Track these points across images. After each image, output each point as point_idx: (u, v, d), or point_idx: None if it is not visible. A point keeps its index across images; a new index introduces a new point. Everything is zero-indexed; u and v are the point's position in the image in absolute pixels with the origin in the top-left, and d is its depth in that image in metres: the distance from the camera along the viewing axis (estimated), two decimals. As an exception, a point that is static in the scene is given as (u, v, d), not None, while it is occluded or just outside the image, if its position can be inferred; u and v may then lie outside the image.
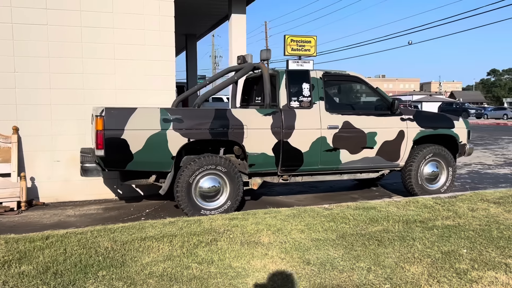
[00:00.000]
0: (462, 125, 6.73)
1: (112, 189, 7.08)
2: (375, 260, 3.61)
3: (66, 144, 6.78)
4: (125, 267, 3.48)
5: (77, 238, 4.13)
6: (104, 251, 3.79)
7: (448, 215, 4.95)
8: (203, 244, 3.97)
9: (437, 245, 3.94)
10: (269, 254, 3.75)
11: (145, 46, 7.08)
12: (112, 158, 5.12)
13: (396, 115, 6.32)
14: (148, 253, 3.77)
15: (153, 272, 3.39)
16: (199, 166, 5.39)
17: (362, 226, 4.52)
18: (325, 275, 3.34)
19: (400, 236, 4.18)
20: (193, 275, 3.34)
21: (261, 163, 5.70)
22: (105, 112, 5.03)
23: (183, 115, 5.37)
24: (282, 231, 4.34)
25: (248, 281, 3.23)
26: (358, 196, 7.08)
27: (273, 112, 5.71)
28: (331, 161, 6.01)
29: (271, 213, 4.97)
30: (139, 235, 4.21)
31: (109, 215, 5.95)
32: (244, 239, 4.10)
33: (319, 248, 3.88)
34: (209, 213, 5.43)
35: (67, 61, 6.71)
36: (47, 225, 5.49)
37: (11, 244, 3.97)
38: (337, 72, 6.25)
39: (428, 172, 6.56)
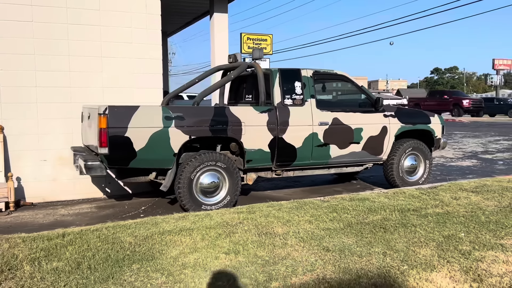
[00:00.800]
0: (438, 121, 7.23)
1: (100, 187, 7.05)
2: (387, 245, 3.91)
3: (52, 143, 6.69)
4: (156, 260, 3.59)
5: (95, 234, 4.18)
6: (129, 246, 3.88)
7: (435, 203, 5.37)
8: (223, 236, 4.14)
9: (437, 230, 4.31)
10: (289, 243, 3.97)
11: (132, 44, 7.09)
12: (116, 155, 5.17)
13: (380, 111, 6.70)
14: (172, 246, 3.89)
15: (185, 263, 3.53)
16: (200, 163, 5.53)
17: (363, 216, 4.84)
18: (346, 260, 3.61)
19: (401, 223, 4.53)
20: (225, 264, 3.51)
21: (258, 159, 5.91)
22: (108, 110, 5.07)
23: (184, 112, 5.48)
24: (291, 222, 4.57)
25: (280, 268, 3.44)
26: (342, 189, 7.43)
27: (268, 110, 5.93)
28: (322, 156, 6.31)
29: (275, 206, 5.20)
30: (156, 230, 4.31)
31: (106, 213, 5.96)
32: (259, 231, 4.30)
33: (332, 237, 4.15)
34: (209, 208, 5.58)
35: (53, 59, 6.63)
36: (45, 225, 5.44)
37: (30, 243, 3.97)
38: (326, 71, 6.55)
39: (408, 165, 7.01)
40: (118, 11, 6.97)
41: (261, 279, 3.26)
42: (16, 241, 4.02)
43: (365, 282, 3.23)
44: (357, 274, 3.35)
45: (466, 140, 15.62)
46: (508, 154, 11.83)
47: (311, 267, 3.47)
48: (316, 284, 3.20)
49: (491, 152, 12.29)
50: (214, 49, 8.31)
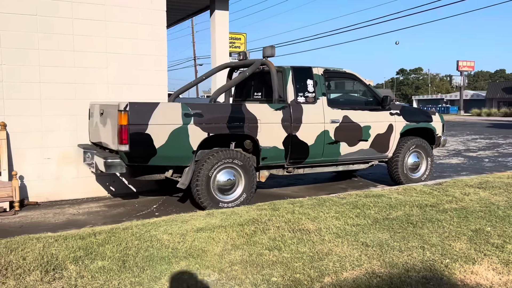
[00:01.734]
0: (438, 119, 7.44)
1: (105, 186, 6.91)
2: (422, 240, 4.01)
3: (57, 140, 6.51)
4: (202, 257, 3.56)
5: (128, 233, 4.11)
6: (168, 243, 3.83)
7: (449, 199, 5.52)
8: (258, 233, 4.14)
9: (463, 225, 4.44)
10: (326, 239, 4.01)
11: (137, 40, 6.97)
12: (137, 153, 5.08)
13: (386, 110, 6.84)
14: (212, 243, 3.86)
15: (232, 260, 3.51)
16: (218, 160, 5.50)
17: (386, 212, 4.93)
18: (389, 254, 3.67)
19: (426, 219, 4.64)
20: (272, 261, 3.52)
21: (273, 156, 5.93)
22: (129, 106, 4.97)
23: (203, 109, 5.44)
24: (319, 219, 4.61)
25: (328, 264, 3.47)
26: (346, 186, 7.54)
27: (283, 107, 5.95)
28: (332, 153, 6.38)
29: (296, 203, 5.23)
30: (188, 227, 4.26)
31: (118, 212, 5.85)
32: (291, 227, 4.32)
33: (366, 232, 4.21)
34: (226, 205, 5.56)
35: (58, 54, 6.44)
36: (59, 224, 5.30)
37: (63, 242, 3.86)
38: (335, 69, 6.63)
39: (411, 162, 7.18)
40: (123, 6, 6.84)
41: (313, 275, 3.28)
42: (48, 240, 3.90)
43: (415, 276, 3.30)
44: (404, 268, 3.42)
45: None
46: (490, 152, 12.26)
47: (358, 262, 3.52)
48: (368, 279, 3.25)
49: (473, 150, 12.72)
50: (215, 46, 8.26)
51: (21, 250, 3.65)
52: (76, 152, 6.58)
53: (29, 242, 3.86)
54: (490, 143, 14.64)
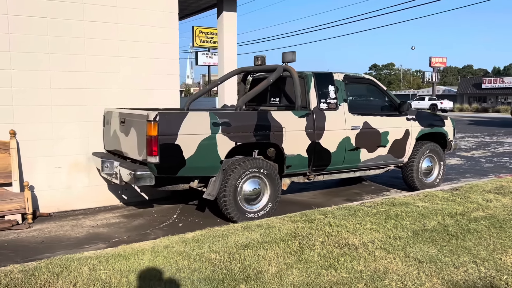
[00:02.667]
0: (450, 124, 7.49)
1: (117, 194, 6.69)
2: (471, 254, 3.99)
3: (68, 148, 6.25)
4: (259, 279, 3.45)
5: (173, 251, 3.94)
6: (219, 263, 3.69)
7: (474, 207, 5.55)
8: (306, 249, 4.04)
9: (503, 236, 4.46)
10: (377, 255, 3.95)
11: (149, 43, 6.75)
12: (166, 164, 4.89)
13: (403, 115, 6.83)
14: (264, 262, 3.75)
15: (292, 282, 3.41)
16: (245, 170, 5.37)
17: (421, 222, 4.91)
18: (445, 271, 3.63)
19: (464, 230, 4.63)
20: (333, 282, 3.43)
21: (297, 164, 5.84)
22: (159, 116, 4.78)
23: (231, 118, 5.29)
24: (359, 232, 4.55)
25: (390, 283, 3.41)
26: (359, 191, 7.52)
27: (306, 114, 5.86)
28: (353, 160, 6.33)
29: (327, 214, 5.15)
30: (232, 244, 4.13)
31: (139, 224, 5.65)
32: (335, 242, 4.24)
33: (412, 246, 4.17)
34: (252, 216, 5.44)
35: (69, 58, 6.17)
36: (81, 239, 5.08)
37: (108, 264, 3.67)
38: (355, 75, 6.58)
39: (425, 167, 7.21)
40: (135, 8, 6.59)
41: (380, 296, 3.21)
42: (91, 262, 3.70)
43: (480, 294, 3.27)
44: (466, 286, 3.39)
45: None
46: (483, 152, 12.50)
47: (419, 281, 3.47)
48: (435, 299, 3.20)
49: (465, 150, 12.93)
50: (223, 48, 8.08)
51: (67, 275, 3.45)
52: (87, 160, 6.34)
53: (72, 264, 3.65)
54: (478, 142, 14.93)
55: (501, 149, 13.13)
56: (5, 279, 3.38)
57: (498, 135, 17.39)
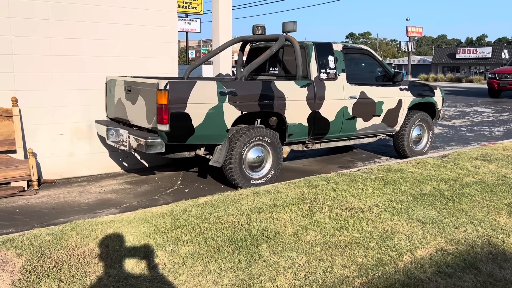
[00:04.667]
0: (439, 94, 7.78)
1: (118, 162, 6.79)
2: (468, 216, 4.31)
3: (69, 116, 6.29)
4: (278, 239, 3.68)
5: (192, 215, 4.13)
6: (238, 225, 3.90)
7: (465, 173, 5.89)
8: (316, 212, 4.29)
9: (494, 199, 4.80)
10: (382, 216, 4.23)
11: (148, 10, 6.73)
12: (177, 132, 5.02)
13: (396, 85, 7.07)
14: (279, 224, 3.98)
15: (310, 241, 3.66)
16: (250, 138, 5.54)
17: (418, 187, 5.21)
18: (447, 231, 3.94)
19: (459, 193, 4.96)
20: (346, 241, 3.69)
21: (298, 133, 6.04)
22: (169, 85, 4.87)
23: (237, 88, 5.41)
24: (361, 196, 4.82)
25: (399, 242, 3.69)
26: (352, 158, 7.81)
27: (307, 84, 6.02)
28: (349, 129, 6.57)
29: (329, 180, 5.40)
30: (246, 208, 4.34)
31: (145, 190, 5.80)
32: (341, 205, 4.50)
33: (413, 209, 4.47)
34: (257, 182, 5.66)
35: (69, 25, 6.13)
36: (92, 204, 5.22)
37: (132, 226, 3.84)
38: (352, 46, 6.75)
39: (415, 135, 7.52)
40: (134, -25, 6.53)
41: (392, 254, 3.49)
42: (114, 225, 3.86)
43: (481, 252, 3.59)
44: (467, 244, 3.70)
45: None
46: (462, 121, 12.96)
47: (425, 240, 3.76)
48: (441, 256, 3.50)
49: (446, 119, 13.37)
50: (219, 20, 8.07)
51: (95, 237, 3.61)
52: (88, 128, 6.40)
53: (97, 227, 3.80)
54: (458, 111, 15.42)
55: (480, 118, 13.63)
56: (36, 241, 3.51)
57: (475, 104, 17.96)
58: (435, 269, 3.30)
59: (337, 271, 3.21)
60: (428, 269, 3.29)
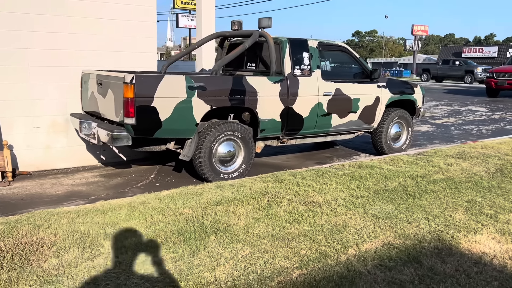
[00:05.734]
0: (420, 91, 7.79)
1: (95, 155, 6.86)
2: (425, 211, 4.34)
3: (46, 109, 6.37)
4: (228, 231, 3.73)
5: (149, 207, 4.20)
6: (192, 218, 3.96)
7: (436, 170, 5.91)
8: (273, 205, 4.34)
9: (456, 196, 4.83)
10: (338, 211, 4.27)
11: (129, 5, 6.79)
12: (143, 126, 5.08)
13: (374, 82, 7.09)
14: (233, 217, 4.03)
15: (258, 233, 3.71)
16: (220, 132, 5.59)
17: (383, 183, 5.25)
18: (399, 226, 3.98)
19: (422, 190, 4.99)
20: (295, 233, 3.74)
21: (270, 128, 6.08)
22: (135, 79, 4.93)
23: (206, 82, 5.46)
24: (324, 191, 4.86)
25: (347, 236, 3.73)
26: (331, 155, 7.84)
27: (280, 80, 6.06)
28: (324, 125, 6.61)
29: (297, 175, 5.45)
30: (205, 201, 4.40)
31: (117, 182, 5.88)
32: (301, 200, 4.54)
33: (371, 204, 4.51)
34: (227, 176, 5.71)
35: (47, 18, 6.19)
36: (62, 196, 5.29)
37: (87, 217, 3.91)
38: (329, 42, 6.77)
39: (393, 132, 7.54)
40: (112, -30, 6.59)
41: (337, 247, 3.54)
42: (70, 215, 3.93)
43: (427, 246, 3.62)
44: (416, 239, 3.74)
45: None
46: (453, 119, 12.93)
47: (374, 234, 3.80)
48: (387, 250, 3.54)
49: (437, 117, 13.35)
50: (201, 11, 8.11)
51: (47, 227, 3.69)
52: (65, 121, 6.48)
53: (52, 217, 3.88)
54: (451, 110, 15.37)
55: (472, 117, 13.60)
56: (-11, 230, 3.59)
57: (471, 103, 17.89)
58: (377, 262, 3.34)
59: (277, 263, 3.26)
60: (370, 262, 3.33)
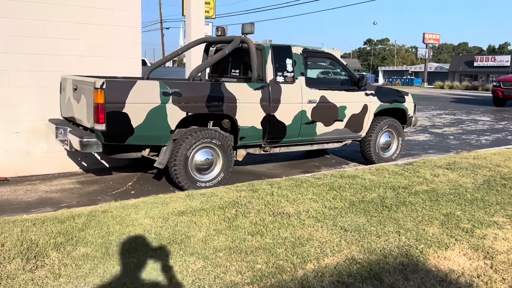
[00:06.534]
0: (411, 100, 7.59)
1: (77, 161, 6.78)
2: (397, 225, 4.15)
3: (26, 114, 6.31)
4: (185, 243, 3.59)
5: (108, 216, 4.07)
6: (150, 228, 3.82)
7: (420, 181, 5.71)
8: (240, 216, 4.18)
9: (435, 208, 4.63)
10: (306, 223, 4.10)
11: (111, 10, 6.73)
12: (113, 132, 4.97)
13: (362, 90, 6.92)
14: (194, 228, 3.89)
15: (216, 246, 3.55)
16: (196, 140, 5.46)
17: (361, 194, 5.06)
18: (366, 240, 3.80)
19: (400, 202, 4.80)
20: (255, 247, 3.58)
21: (251, 136, 5.94)
22: (106, 84, 4.83)
23: (182, 88, 5.35)
24: (298, 202, 4.69)
25: (309, 249, 3.56)
26: (319, 164, 7.67)
27: (262, 87, 5.92)
28: (309, 133, 6.44)
29: (274, 184, 5.29)
30: (169, 211, 4.26)
31: (93, 190, 5.77)
32: (271, 211, 4.38)
33: (343, 216, 4.33)
34: (204, 185, 5.57)
35: (27, 23, 6.14)
36: (32, 203, 5.20)
37: (42, 226, 3.79)
38: (314, 49, 6.62)
39: (383, 141, 7.35)
40: (95, -25, 6.53)
41: (296, 261, 3.37)
42: (26, 224, 3.82)
43: (392, 262, 3.44)
44: (381, 254, 3.55)
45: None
46: (455, 129, 12.67)
47: (338, 248, 3.63)
48: (348, 265, 3.36)
49: (438, 127, 13.10)
50: (191, 19, 8.05)
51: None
52: (46, 126, 6.40)
53: (6, 226, 3.77)
54: (454, 119, 15.09)
55: (474, 126, 13.31)
56: None
57: (476, 113, 17.56)
58: (335, 278, 3.17)
59: (228, 278, 3.10)
60: (327, 278, 3.16)
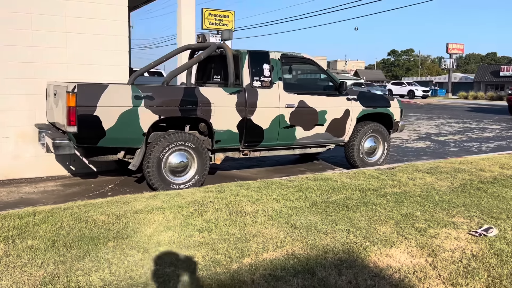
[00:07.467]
0: (397, 105, 7.57)
1: (65, 165, 7.00)
2: (350, 223, 4.17)
3: (15, 119, 6.56)
4: (131, 237, 3.70)
5: (67, 213, 4.22)
6: (102, 224, 3.95)
7: (393, 184, 5.69)
8: (195, 214, 4.28)
9: (396, 209, 4.62)
10: (258, 221, 4.16)
11: (98, 20, 6.98)
12: (85, 134, 5.16)
13: (343, 95, 6.95)
14: (146, 224, 4.00)
15: (160, 241, 3.65)
16: (169, 142, 5.60)
17: (327, 195, 5.09)
18: (313, 237, 3.84)
19: (363, 202, 4.81)
20: (199, 242, 3.66)
21: (226, 139, 6.04)
22: (77, 88, 5.03)
23: (154, 92, 5.51)
24: (260, 201, 4.76)
25: (251, 245, 3.62)
26: (305, 169, 7.70)
27: (237, 91, 6.03)
28: (288, 137, 6.50)
29: (243, 186, 5.37)
30: (128, 209, 4.39)
31: (72, 191, 5.96)
32: (229, 210, 4.46)
33: (299, 215, 4.37)
34: (178, 187, 5.69)
35: (15, 33, 6.43)
36: (10, 203, 5.40)
37: (1, 221, 3.97)
38: (293, 54, 6.70)
39: (368, 146, 7.34)
40: (83, -14, 6.81)
41: (234, 255, 3.43)
42: (-14, 219, 4.00)
43: (331, 258, 3.46)
44: (323, 250, 3.58)
45: (421, 122, 16.30)
46: (459, 137, 12.49)
47: (281, 243, 3.67)
48: (286, 260, 3.41)
49: (443, 134, 12.93)
50: (181, 27, 8.26)
51: (-44, 229, 3.76)
52: (34, 131, 6.64)
53: (-33, 221, 3.96)
54: (462, 127, 14.86)
55: (480, 134, 13.08)
56: None
57: (489, 121, 17.24)
58: (268, 272, 3.22)
59: (161, 269, 3.19)
60: (260, 272, 3.21)
